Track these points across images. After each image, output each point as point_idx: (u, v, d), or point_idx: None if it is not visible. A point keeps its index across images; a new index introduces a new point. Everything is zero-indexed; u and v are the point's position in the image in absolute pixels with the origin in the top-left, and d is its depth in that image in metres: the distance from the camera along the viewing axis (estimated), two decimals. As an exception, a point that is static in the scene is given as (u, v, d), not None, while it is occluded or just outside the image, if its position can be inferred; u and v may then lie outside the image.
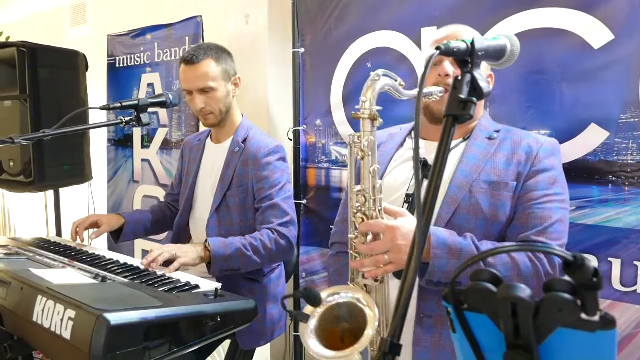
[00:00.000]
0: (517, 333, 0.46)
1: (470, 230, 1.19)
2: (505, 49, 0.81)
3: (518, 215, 1.22)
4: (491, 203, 1.22)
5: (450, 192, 1.24)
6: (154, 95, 1.64)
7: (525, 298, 0.44)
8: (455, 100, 0.65)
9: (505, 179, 1.23)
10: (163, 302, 1.06)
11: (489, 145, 1.29)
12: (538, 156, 1.24)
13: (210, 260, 1.57)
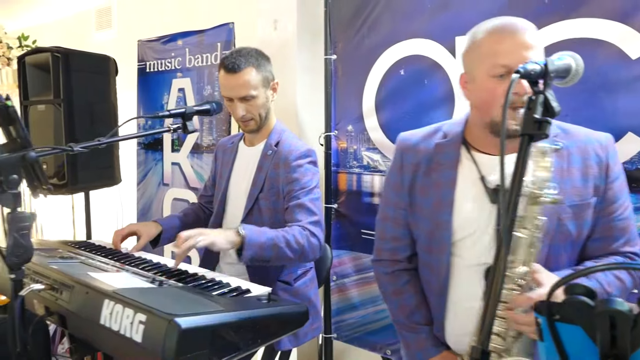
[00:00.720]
0: (612, 344, 0.50)
1: (560, 257, 1.19)
2: (571, 69, 0.85)
3: (600, 229, 1.22)
4: (577, 225, 1.20)
5: None
6: (199, 104, 1.69)
7: (624, 311, 0.48)
8: (531, 121, 0.69)
9: (586, 199, 1.20)
10: (224, 307, 1.11)
11: (559, 160, 1.20)
12: (609, 166, 1.22)
13: (242, 246, 1.56)
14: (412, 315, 1.37)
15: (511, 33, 1.15)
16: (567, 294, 0.52)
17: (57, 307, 1.27)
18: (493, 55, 1.16)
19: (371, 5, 2.16)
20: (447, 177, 1.29)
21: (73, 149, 1.35)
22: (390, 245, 1.43)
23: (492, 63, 1.16)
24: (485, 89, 1.19)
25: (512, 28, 1.16)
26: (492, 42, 1.18)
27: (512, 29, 1.16)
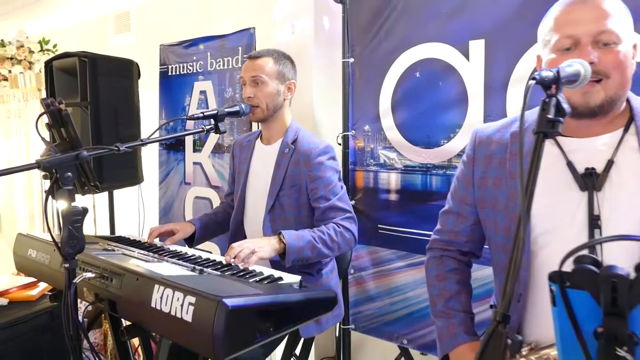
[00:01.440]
0: (613, 304, 0.61)
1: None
2: (580, 74, 0.95)
3: None
4: None
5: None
6: (229, 105, 1.81)
7: (624, 276, 0.59)
8: (544, 120, 0.80)
9: None
10: (263, 291, 1.23)
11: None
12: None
13: (284, 251, 1.71)
14: (449, 301, 1.33)
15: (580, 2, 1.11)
16: (576, 264, 0.63)
17: (107, 293, 1.40)
18: (559, 27, 1.11)
19: (388, 11, 2.27)
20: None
21: (119, 148, 1.46)
22: (447, 237, 1.40)
23: (559, 35, 1.11)
24: (550, 64, 1.12)
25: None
26: (560, 13, 1.13)
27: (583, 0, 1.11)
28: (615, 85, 1.08)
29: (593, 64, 1.03)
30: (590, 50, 1.06)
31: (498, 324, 0.68)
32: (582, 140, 1.15)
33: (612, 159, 1.09)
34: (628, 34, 1.11)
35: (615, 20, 1.08)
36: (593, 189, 1.08)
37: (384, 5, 2.28)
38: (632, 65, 1.13)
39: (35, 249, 1.76)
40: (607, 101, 1.08)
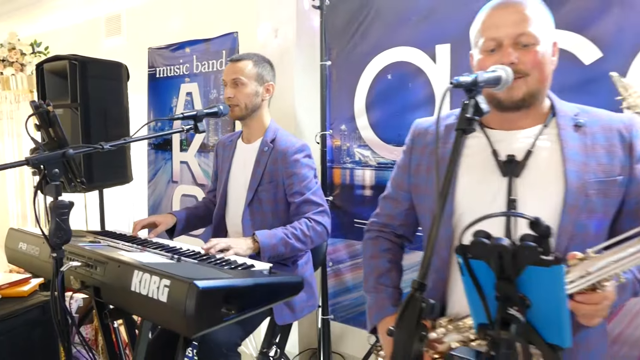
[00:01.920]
0: (502, 270, 0.74)
1: (585, 234, 1.16)
2: (501, 78, 1.07)
3: (632, 208, 1.19)
4: (604, 203, 1.17)
5: (569, 198, 1.15)
6: (208, 107, 1.92)
7: (506, 246, 0.71)
8: (464, 119, 0.92)
9: (613, 176, 1.18)
10: (234, 275, 1.35)
11: (582, 137, 1.21)
12: (633, 145, 1.20)
13: (259, 250, 1.85)
14: (380, 277, 1.40)
15: (503, 7, 1.20)
16: (474, 238, 0.75)
17: (92, 280, 1.51)
18: (485, 30, 1.22)
19: (362, 17, 2.40)
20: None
21: (103, 147, 1.58)
22: (383, 220, 1.49)
23: (485, 37, 1.21)
24: (478, 64, 1.23)
25: (504, 3, 1.21)
26: (486, 17, 1.23)
27: (505, 4, 1.21)
28: (535, 81, 1.19)
29: (514, 64, 1.14)
30: (510, 51, 1.16)
31: (415, 290, 0.81)
32: (507, 132, 1.26)
33: (530, 149, 1.20)
34: (547, 35, 1.21)
35: (534, 23, 1.17)
36: (512, 175, 1.19)
37: (358, 12, 2.40)
38: (551, 63, 1.23)
39: (25, 242, 1.87)
40: (528, 95, 1.19)
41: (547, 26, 1.22)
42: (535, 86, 1.20)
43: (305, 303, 2.09)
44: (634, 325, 1.78)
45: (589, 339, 1.18)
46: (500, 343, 0.75)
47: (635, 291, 1.16)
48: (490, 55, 1.20)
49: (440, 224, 1.24)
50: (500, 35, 1.18)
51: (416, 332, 0.79)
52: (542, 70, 1.20)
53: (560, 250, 1.12)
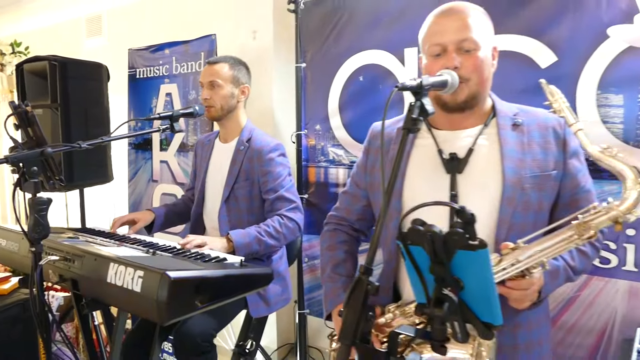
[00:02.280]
0: (436, 254, 0.83)
1: (523, 225, 1.24)
2: (447, 82, 1.16)
3: (567, 201, 1.29)
4: (539, 196, 1.26)
5: (506, 192, 1.24)
6: (184, 107, 2.00)
7: (437, 232, 0.80)
8: (410, 119, 1.01)
9: (547, 171, 1.27)
10: (205, 267, 1.42)
11: (520, 135, 1.30)
12: (566, 141, 1.29)
13: (234, 250, 1.93)
14: (336, 267, 1.47)
15: (447, 15, 1.29)
16: (411, 225, 0.84)
17: (70, 274, 1.58)
18: (430, 36, 1.30)
19: (335, 20, 2.48)
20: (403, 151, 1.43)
21: (81, 145, 1.65)
22: (342, 214, 1.57)
23: (430, 43, 1.29)
24: (426, 68, 1.31)
25: (448, 11, 1.30)
26: (431, 24, 1.32)
27: (448, 12, 1.29)
28: (475, 85, 1.27)
29: (457, 69, 1.23)
30: (454, 56, 1.24)
31: (362, 274, 0.89)
32: (452, 132, 1.35)
33: (472, 147, 1.30)
34: (487, 41, 1.29)
35: (475, 29, 1.26)
36: (455, 172, 1.28)
37: (331, 16, 2.49)
38: (490, 66, 1.32)
39: (5, 239, 1.92)
40: (470, 97, 1.28)
41: (487, 33, 1.31)
42: (476, 89, 1.28)
43: (279, 297, 2.17)
44: (588, 315, 1.89)
45: (530, 320, 1.28)
46: (434, 320, 0.84)
47: (568, 276, 1.26)
48: (436, 59, 1.28)
49: (390, 219, 1.36)
50: (445, 41, 1.26)
51: (363, 311, 0.88)
52: (481, 74, 1.28)
53: (500, 240, 1.21)
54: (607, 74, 1.79)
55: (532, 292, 1.13)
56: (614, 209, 1.07)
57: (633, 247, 1.79)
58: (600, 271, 1.85)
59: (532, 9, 1.92)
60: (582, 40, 1.83)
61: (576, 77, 1.84)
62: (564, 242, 1.08)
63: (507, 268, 1.07)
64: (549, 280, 1.19)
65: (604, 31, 1.78)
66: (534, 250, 1.07)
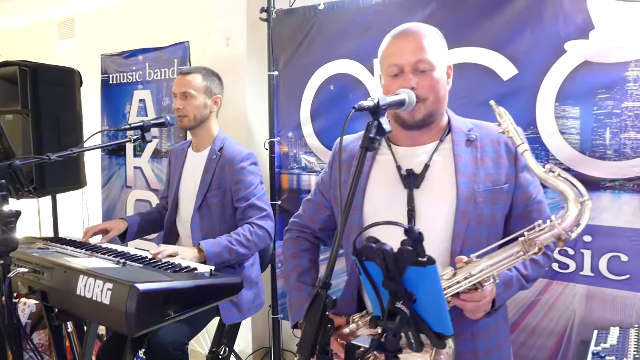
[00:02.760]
0: (388, 270, 0.87)
1: (477, 238, 1.29)
2: (404, 101, 1.21)
3: (520, 213, 1.34)
4: (492, 209, 1.31)
5: (460, 206, 1.29)
6: (155, 117, 2.02)
7: (388, 250, 0.85)
8: (368, 138, 1.06)
9: (499, 184, 1.32)
10: (174, 278, 1.45)
11: (473, 150, 1.35)
12: (518, 155, 1.32)
13: (205, 259, 1.95)
14: (301, 276, 1.49)
15: (403, 37, 1.34)
16: (366, 243, 0.89)
17: (39, 286, 1.59)
18: (388, 57, 1.35)
19: (306, 30, 2.52)
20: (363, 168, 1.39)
21: (50, 158, 1.66)
22: (305, 221, 1.59)
23: (387, 64, 1.34)
24: (385, 87, 1.36)
25: (404, 33, 1.35)
26: (388, 45, 1.37)
27: (404, 34, 1.34)
28: (431, 104, 1.32)
29: (414, 89, 1.27)
30: (411, 77, 1.29)
31: (320, 289, 0.93)
32: (410, 148, 1.40)
33: (428, 163, 1.35)
34: (442, 60, 1.34)
35: (430, 50, 1.31)
36: (412, 187, 1.33)
37: (302, 26, 2.53)
38: (446, 85, 1.37)
39: (-26, 250, 1.91)
40: (427, 115, 1.32)
41: (441, 53, 1.36)
42: (433, 107, 1.33)
43: (252, 303, 2.20)
44: (549, 317, 1.97)
45: (489, 326, 1.34)
46: (387, 332, 0.89)
47: (521, 285, 1.32)
48: (394, 79, 1.33)
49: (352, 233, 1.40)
50: (402, 62, 1.31)
51: (321, 324, 0.92)
52: (437, 93, 1.33)
53: (455, 252, 1.26)
54: (564, 87, 1.87)
55: (485, 303, 1.19)
56: (556, 226, 1.12)
57: (590, 253, 1.87)
58: (559, 276, 1.93)
59: (494, 23, 1.99)
60: (541, 54, 1.90)
61: (536, 89, 1.92)
62: (512, 257, 1.14)
63: (461, 281, 1.13)
64: (502, 291, 1.25)
65: (561, 46, 1.86)
66: (485, 265, 1.13)
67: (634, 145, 1.77)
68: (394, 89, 1.28)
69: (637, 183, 1.78)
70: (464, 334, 1.28)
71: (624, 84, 1.77)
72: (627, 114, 1.77)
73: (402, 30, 1.37)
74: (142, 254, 1.88)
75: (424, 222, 1.30)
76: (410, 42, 1.32)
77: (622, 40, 1.76)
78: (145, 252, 1.90)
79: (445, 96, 1.38)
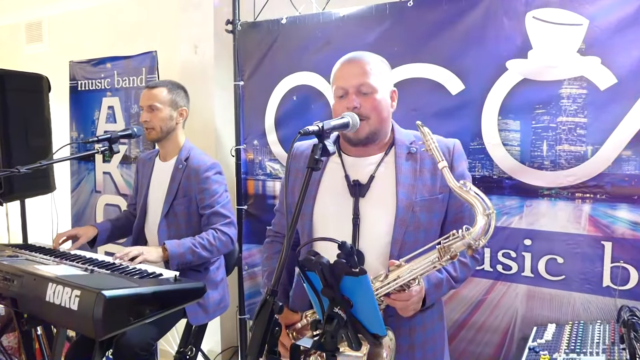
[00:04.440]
0: (326, 280, 0.99)
1: (414, 242, 1.40)
2: (349, 124, 1.34)
3: (452, 219, 1.48)
4: (428, 217, 1.44)
5: (399, 215, 1.41)
6: (123, 130, 2.10)
7: (324, 262, 0.97)
8: (313, 159, 1.18)
9: (435, 194, 1.45)
10: (139, 284, 1.54)
11: (413, 163, 1.47)
12: (453, 166, 1.46)
13: (168, 258, 2.05)
14: (269, 276, 1.61)
15: (349, 63, 1.47)
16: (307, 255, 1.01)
17: (9, 292, 1.66)
18: (336, 80, 1.48)
19: (270, 42, 2.62)
20: (315, 176, 1.52)
21: (20, 170, 1.73)
22: (276, 228, 1.74)
23: (335, 86, 1.47)
24: (334, 107, 1.49)
25: (350, 60, 1.48)
26: (337, 70, 1.50)
27: (350, 60, 1.48)
28: (374, 122, 1.44)
29: (357, 109, 1.41)
30: (354, 98, 1.42)
31: (268, 295, 1.05)
32: (358, 159, 1.52)
33: (373, 174, 1.47)
34: (385, 85, 1.47)
35: (372, 76, 1.44)
36: (358, 196, 1.45)
37: (266, 38, 2.63)
38: (388, 107, 1.49)
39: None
40: (370, 134, 1.45)
41: (384, 78, 1.49)
42: (375, 126, 1.46)
43: (217, 305, 2.31)
44: (494, 315, 2.13)
45: (425, 322, 1.48)
46: (326, 334, 1.01)
47: (451, 286, 1.47)
48: (340, 100, 1.46)
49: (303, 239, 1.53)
50: (346, 85, 1.45)
51: (268, 328, 1.03)
52: (380, 114, 1.45)
53: (393, 256, 1.39)
54: (506, 102, 2.02)
55: (413, 302, 1.32)
56: (466, 236, 1.25)
57: (530, 256, 2.03)
58: (503, 277, 2.09)
59: (443, 41, 2.13)
60: (485, 71, 2.05)
61: (481, 103, 2.07)
62: (430, 263, 1.28)
63: (390, 283, 1.27)
64: (432, 291, 1.39)
65: (503, 64, 2.01)
66: (409, 269, 1.27)
67: (568, 157, 1.94)
68: (341, 110, 1.41)
69: (571, 191, 1.95)
70: (402, 329, 1.42)
71: (559, 100, 1.93)
72: (562, 127, 1.94)
73: (349, 57, 1.50)
74: (110, 260, 1.96)
75: (368, 229, 1.44)
76: (355, 68, 1.45)
77: (557, 60, 1.92)
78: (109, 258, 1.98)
79: (389, 117, 1.51)
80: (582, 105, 1.89)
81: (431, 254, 1.27)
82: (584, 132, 1.90)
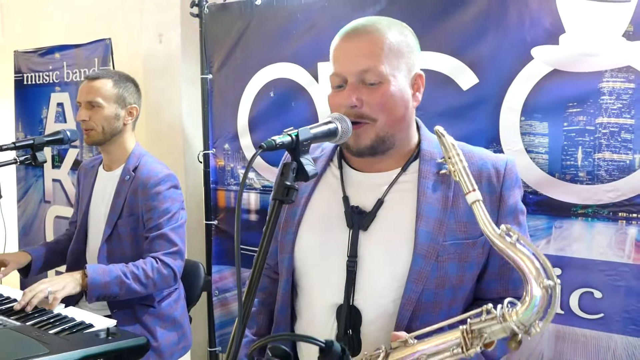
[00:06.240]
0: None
1: (436, 305, 1.01)
2: (337, 131, 0.91)
3: (497, 270, 1.05)
4: (459, 268, 1.01)
5: (416, 263, 0.98)
6: (51, 133, 1.68)
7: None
8: (282, 187, 0.77)
9: (472, 237, 1.01)
10: (50, 349, 1.12)
11: (445, 188, 1.03)
12: (503, 196, 1.04)
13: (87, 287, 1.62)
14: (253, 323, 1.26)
15: (350, 37, 1.02)
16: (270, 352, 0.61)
17: None
18: (333, 64, 1.05)
19: (242, 27, 2.22)
20: (302, 194, 1.11)
21: None
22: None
23: (332, 72, 1.05)
24: (329, 101, 1.07)
25: (352, 32, 1.03)
26: (334, 47, 1.06)
27: (352, 33, 1.03)
28: (383, 125, 1.00)
29: (356, 107, 0.98)
30: (349, 93, 0.99)
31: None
32: (364, 174, 1.08)
33: (382, 199, 1.03)
34: (403, 70, 1.02)
35: (385, 57, 0.99)
36: (359, 228, 1.02)
37: (238, 23, 2.22)
38: (407, 102, 1.05)
39: None
40: (377, 141, 1.01)
41: (405, 60, 1.03)
42: (385, 131, 1.01)
43: (175, 346, 1.89)
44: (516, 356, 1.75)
45: None
46: None
47: None
48: (337, 92, 1.03)
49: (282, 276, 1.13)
50: (344, 71, 1.00)
51: None
52: (391, 113, 1.01)
53: (402, 321, 0.97)
54: (531, 98, 1.64)
55: None
56: (507, 318, 0.82)
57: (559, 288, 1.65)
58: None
59: (453, 24, 1.74)
60: (504, 61, 1.66)
61: (499, 101, 1.68)
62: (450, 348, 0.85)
63: None
64: None
65: (527, 52, 1.62)
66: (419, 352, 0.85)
67: (610, 168, 1.56)
68: (334, 107, 1.00)
69: (612, 210, 1.57)
70: None
71: (599, 96, 1.55)
72: (602, 131, 1.56)
73: (353, 28, 1.03)
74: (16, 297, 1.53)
75: (367, 278, 1.01)
76: (359, 46, 1.00)
77: (596, 47, 1.54)
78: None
79: (406, 116, 1.05)
80: (629, 102, 1.52)
81: (453, 333, 0.86)
82: (630, 137, 1.52)
